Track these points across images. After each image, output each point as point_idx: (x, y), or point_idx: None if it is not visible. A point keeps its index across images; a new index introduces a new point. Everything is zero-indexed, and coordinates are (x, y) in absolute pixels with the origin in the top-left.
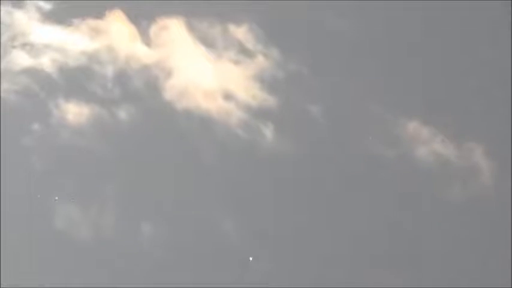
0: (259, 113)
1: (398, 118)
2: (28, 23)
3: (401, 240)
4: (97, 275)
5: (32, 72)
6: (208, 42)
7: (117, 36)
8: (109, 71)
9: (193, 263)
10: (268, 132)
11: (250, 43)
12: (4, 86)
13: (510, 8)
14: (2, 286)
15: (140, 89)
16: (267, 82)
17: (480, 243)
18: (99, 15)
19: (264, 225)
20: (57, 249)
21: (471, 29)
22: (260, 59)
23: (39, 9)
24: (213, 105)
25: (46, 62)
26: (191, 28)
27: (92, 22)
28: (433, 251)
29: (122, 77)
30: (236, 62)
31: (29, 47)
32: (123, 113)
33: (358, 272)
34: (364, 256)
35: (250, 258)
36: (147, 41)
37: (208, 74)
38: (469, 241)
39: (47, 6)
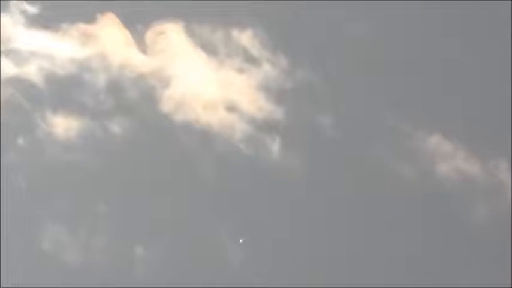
0: (265, 126)
1: (417, 131)
2: (12, 28)
3: (421, 264)
4: None
5: (16, 82)
6: (209, 49)
7: (109, 42)
8: (101, 80)
9: None
10: (274, 146)
11: (255, 49)
12: None
13: None
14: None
15: (135, 100)
16: (274, 92)
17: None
18: (90, 19)
19: (270, 248)
20: (44, 273)
21: (500, 41)
22: (266, 67)
23: (24, 12)
24: (215, 118)
25: (32, 71)
26: (191, 33)
27: (82, 27)
28: (456, 275)
29: (115, 87)
30: (240, 70)
31: (13, 54)
32: (116, 127)
33: None
34: (380, 278)
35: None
36: (142, 47)
37: (209, 84)
38: (495, 265)
39: (33, 9)
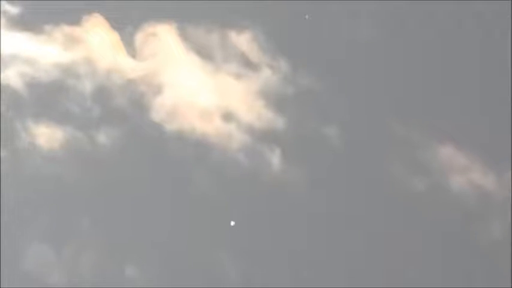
0: (264, 136)
1: (428, 142)
2: None
3: (434, 284)
4: None
5: None
6: (204, 53)
7: (96, 45)
8: (87, 86)
9: None
10: (275, 158)
11: (254, 53)
12: None
13: None
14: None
15: (124, 108)
16: (274, 99)
17: None
18: (75, 20)
19: (270, 269)
20: None
21: None
22: (266, 73)
23: (4, 13)
24: (210, 127)
25: (13, 76)
26: (184, 36)
27: (66, 29)
28: None
29: (102, 93)
30: (237, 76)
31: None
32: (103, 137)
33: None
34: None
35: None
36: (132, 51)
37: (204, 90)
38: None
39: (14, 9)
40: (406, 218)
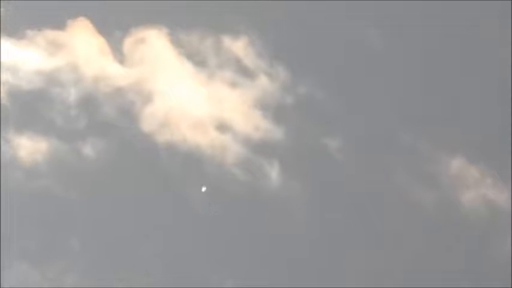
0: (261, 148)
1: (438, 154)
2: None
3: None
4: None
5: None
6: (197, 59)
7: (82, 51)
8: (72, 95)
9: None
10: (273, 172)
11: (250, 60)
12: None
13: None
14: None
15: (112, 118)
16: (272, 109)
17: None
18: (60, 25)
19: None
20: None
21: None
22: (263, 80)
23: None
24: (204, 138)
25: None
26: (176, 41)
27: (50, 34)
28: None
29: (89, 102)
30: (233, 84)
31: None
32: (89, 149)
33: None
34: None
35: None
36: (120, 57)
37: (197, 99)
38: None
39: None
40: (413, 235)
